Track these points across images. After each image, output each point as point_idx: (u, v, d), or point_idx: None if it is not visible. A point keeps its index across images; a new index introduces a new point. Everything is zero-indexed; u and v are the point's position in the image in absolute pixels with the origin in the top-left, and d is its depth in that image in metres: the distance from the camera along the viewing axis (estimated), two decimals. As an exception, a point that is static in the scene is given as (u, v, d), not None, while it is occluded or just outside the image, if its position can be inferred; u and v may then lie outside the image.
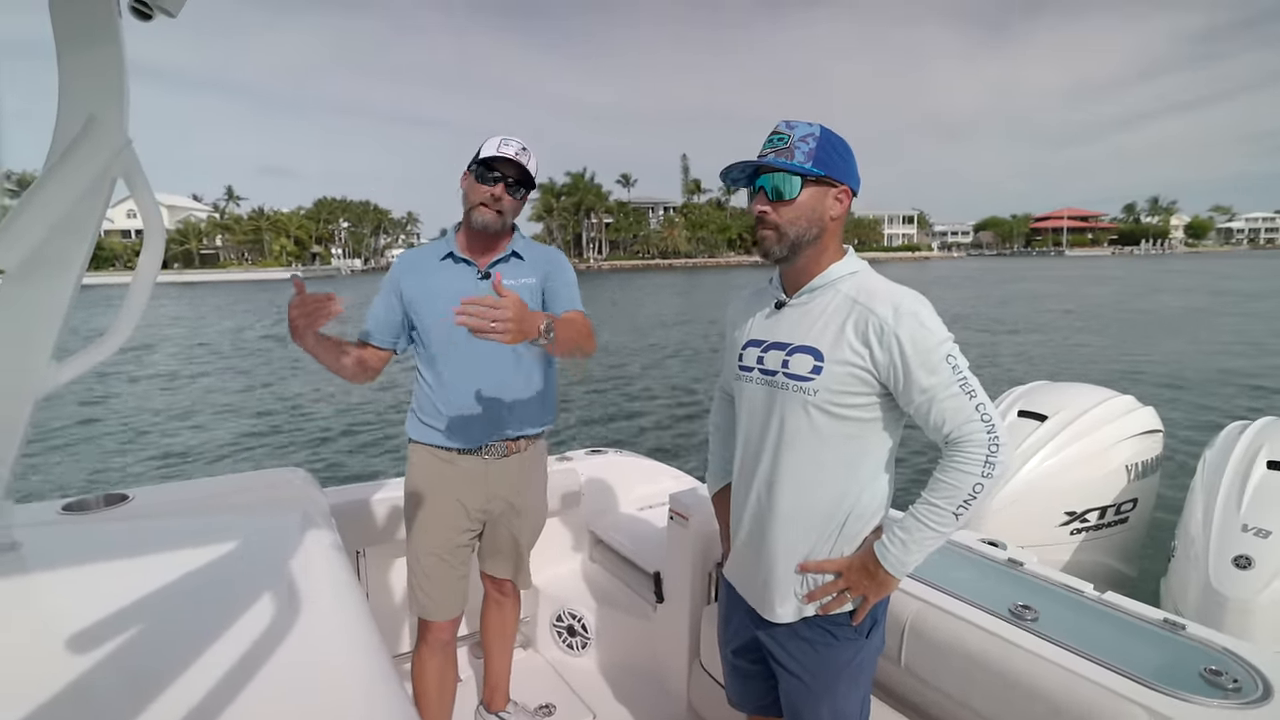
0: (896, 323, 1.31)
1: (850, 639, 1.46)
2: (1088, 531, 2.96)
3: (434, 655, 2.11)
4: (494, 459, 2.06)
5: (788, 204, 1.37)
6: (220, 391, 12.80)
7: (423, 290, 1.99)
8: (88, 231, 1.38)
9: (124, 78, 1.36)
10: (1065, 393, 3.26)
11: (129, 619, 1.10)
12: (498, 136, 1.96)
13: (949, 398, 1.30)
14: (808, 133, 1.37)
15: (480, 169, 1.93)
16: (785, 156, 1.36)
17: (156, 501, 1.69)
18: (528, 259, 2.07)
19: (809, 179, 1.37)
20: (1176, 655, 1.50)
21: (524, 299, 1.88)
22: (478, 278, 2.00)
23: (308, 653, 1.03)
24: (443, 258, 2.02)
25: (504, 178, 1.93)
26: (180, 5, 1.39)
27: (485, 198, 1.92)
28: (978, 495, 1.30)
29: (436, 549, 2.05)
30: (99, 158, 1.33)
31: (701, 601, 2.36)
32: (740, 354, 1.54)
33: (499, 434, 2.05)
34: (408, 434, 2.11)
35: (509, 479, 2.10)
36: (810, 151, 1.36)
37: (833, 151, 1.38)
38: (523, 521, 2.18)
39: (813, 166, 1.35)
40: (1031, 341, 16.69)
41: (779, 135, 1.38)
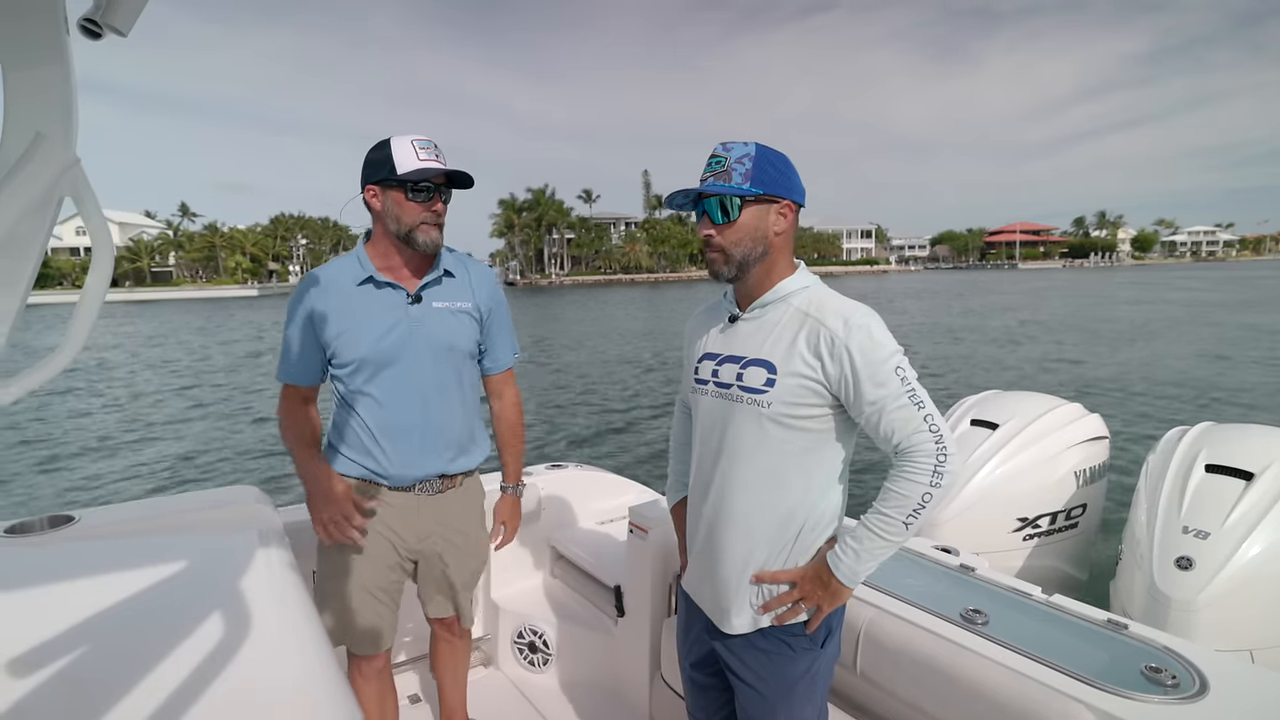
0: (847, 335, 1.34)
1: (806, 649, 1.48)
2: (1039, 537, 3.04)
3: (369, 683, 2.01)
4: (427, 495, 1.94)
5: (730, 226, 1.40)
6: (172, 409, 12.39)
7: (344, 321, 1.82)
8: (33, 251, 1.36)
9: (72, 95, 1.35)
10: (1015, 401, 3.35)
11: (73, 642, 1.07)
12: (405, 140, 1.77)
13: (898, 409, 1.33)
14: (743, 153, 1.39)
15: (409, 186, 1.77)
16: (723, 179, 1.39)
17: (103, 522, 1.65)
18: (458, 276, 1.94)
19: (748, 199, 1.39)
20: (1119, 654, 1.55)
21: (461, 327, 1.92)
22: (408, 303, 1.85)
23: (258, 673, 1.02)
24: (360, 283, 1.84)
25: (437, 188, 1.80)
26: (131, 24, 1.39)
27: (427, 217, 1.79)
28: (927, 504, 1.33)
29: (367, 585, 1.92)
30: (45, 176, 1.31)
31: (662, 614, 2.36)
32: (696, 367, 1.56)
33: (434, 469, 1.93)
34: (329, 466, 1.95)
35: (445, 515, 1.98)
36: (747, 172, 1.38)
37: (769, 168, 1.40)
38: (463, 560, 2.05)
39: (750, 186, 1.38)
40: (986, 351, 17.15)
41: (716, 159, 1.41)
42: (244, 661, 1.02)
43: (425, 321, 1.86)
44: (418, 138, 1.78)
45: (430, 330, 1.86)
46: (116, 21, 1.38)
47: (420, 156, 1.76)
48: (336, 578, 1.92)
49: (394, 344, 1.83)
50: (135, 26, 1.42)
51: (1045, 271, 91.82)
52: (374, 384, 1.84)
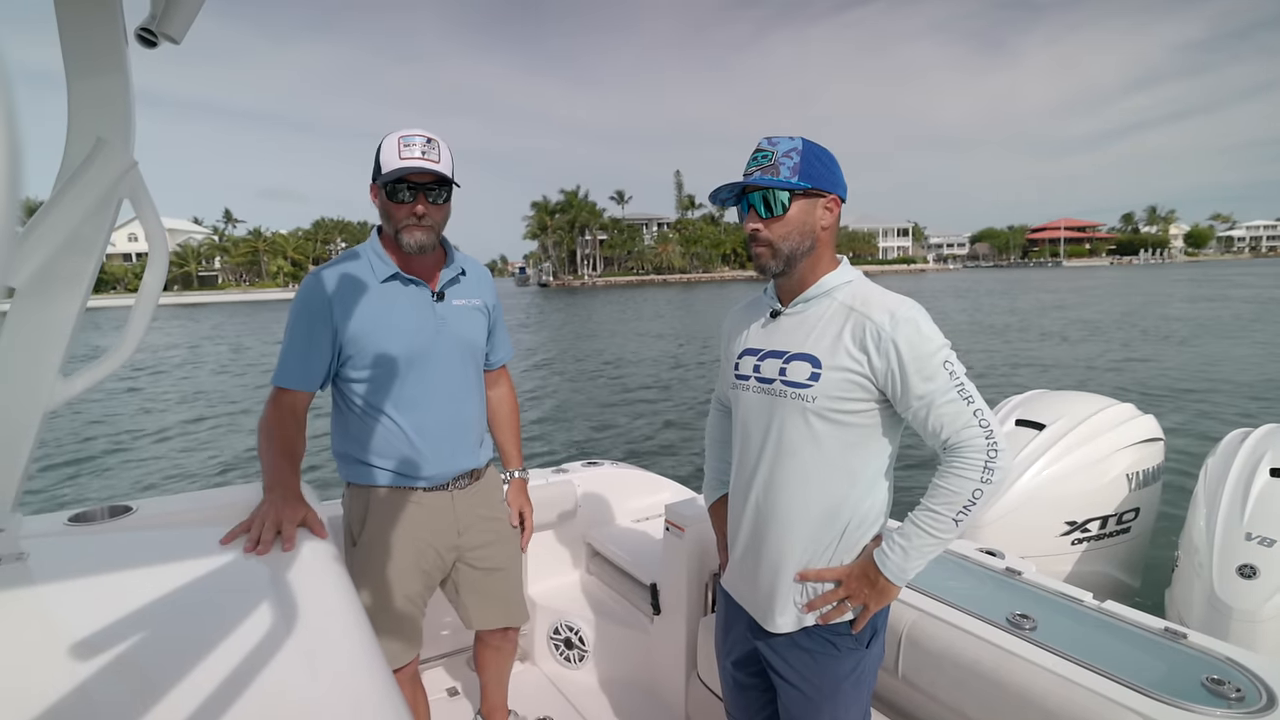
0: (894, 329, 1.32)
1: (851, 649, 1.46)
2: (1089, 541, 2.94)
3: (402, 690, 2.01)
4: (460, 490, 1.92)
5: (778, 219, 1.39)
6: (221, 406, 12.78)
7: (372, 318, 1.75)
8: (95, 250, 1.45)
9: (131, 102, 1.42)
10: (1063, 401, 3.25)
11: (132, 627, 1.11)
12: (394, 138, 1.69)
13: (946, 404, 1.31)
14: (790, 147, 1.38)
15: (390, 186, 1.69)
16: (771, 173, 1.38)
17: (159, 513, 1.71)
18: (470, 276, 1.93)
19: (797, 192, 1.38)
20: (1177, 664, 1.49)
21: (479, 323, 1.94)
22: (432, 301, 1.83)
23: (307, 661, 1.03)
24: (386, 279, 1.78)
25: (420, 187, 1.70)
26: (184, 32, 1.45)
27: (409, 218, 1.71)
28: (977, 501, 1.30)
29: (407, 598, 1.86)
30: (106, 178, 1.40)
31: (698, 613, 2.35)
32: (736, 363, 1.55)
33: (466, 464, 1.92)
34: (350, 479, 1.88)
35: (478, 506, 1.97)
36: (795, 166, 1.37)
37: (816, 162, 1.39)
38: (507, 547, 2.04)
39: (799, 180, 1.37)
40: (1029, 350, 16.69)
41: (762, 152, 1.40)
42: (292, 650, 1.04)
43: (449, 319, 1.85)
44: (405, 133, 1.69)
45: (454, 328, 1.86)
46: (171, 30, 1.44)
47: (402, 155, 1.66)
48: (371, 590, 1.85)
49: (425, 341, 1.80)
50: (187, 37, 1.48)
51: (1092, 269, 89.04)
52: (403, 383, 1.79)
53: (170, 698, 0.92)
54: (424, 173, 1.68)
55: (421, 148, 1.67)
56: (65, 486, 8.23)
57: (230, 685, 0.95)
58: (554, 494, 2.87)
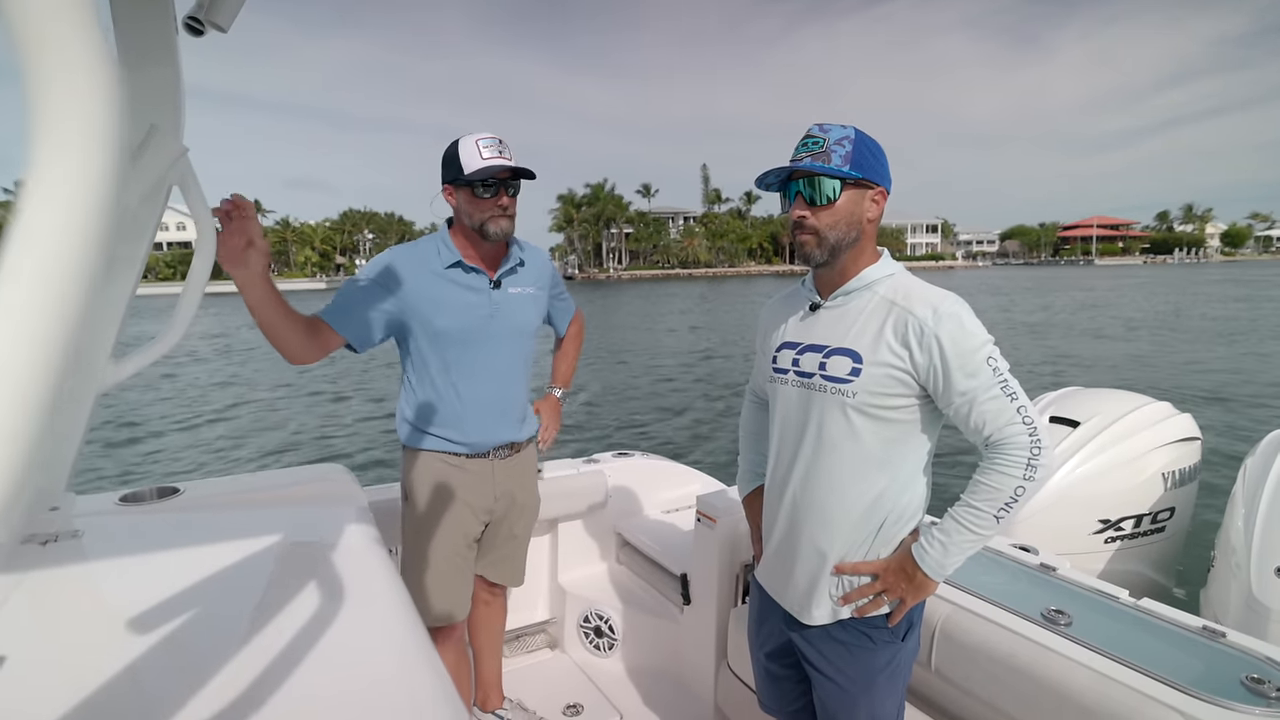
0: (937, 324, 1.30)
1: (887, 641, 1.46)
2: (1123, 540, 2.90)
3: (446, 653, 2.10)
4: (500, 460, 2.11)
5: (826, 208, 1.37)
6: (256, 391, 13.04)
7: (434, 298, 1.94)
8: (145, 236, 1.49)
9: (181, 90, 1.44)
10: (1098, 398, 3.20)
11: (180, 605, 1.14)
12: (470, 140, 1.88)
13: (990, 400, 1.30)
14: (843, 135, 1.37)
15: (476, 186, 1.88)
16: (822, 160, 1.35)
17: (205, 495, 1.76)
18: (528, 265, 2.10)
19: (847, 182, 1.36)
20: (1216, 662, 1.48)
21: (533, 309, 2.11)
22: (490, 288, 2.00)
23: (351, 639, 1.05)
24: (449, 266, 1.96)
25: (501, 183, 1.90)
26: (232, 20, 1.46)
27: (495, 210, 1.90)
28: (1019, 498, 1.29)
29: (450, 554, 2.05)
30: (158, 165, 1.41)
31: (729, 604, 2.36)
32: (774, 356, 1.54)
33: (507, 437, 2.10)
34: (405, 441, 2.07)
35: (512, 476, 2.15)
36: (847, 154, 1.35)
37: (868, 153, 1.37)
38: (527, 516, 2.24)
39: (850, 169, 1.35)
40: (1065, 347, 16.35)
41: (814, 139, 1.37)
42: (340, 632, 1.06)
43: (504, 305, 2.02)
44: (482, 137, 1.88)
45: (509, 314, 2.02)
46: (219, 18, 1.46)
47: (484, 155, 1.85)
48: (421, 555, 2.04)
49: (479, 323, 1.98)
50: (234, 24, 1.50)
51: (1125, 268, 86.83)
52: (457, 360, 1.97)
53: (217, 672, 0.94)
54: (505, 169, 1.87)
55: (498, 148, 1.87)
56: (107, 464, 8.48)
57: (275, 662, 0.97)
58: (585, 484, 2.89)
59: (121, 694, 0.91)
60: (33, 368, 0.28)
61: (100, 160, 0.30)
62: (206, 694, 0.89)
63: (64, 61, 0.29)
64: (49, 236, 0.29)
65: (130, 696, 0.91)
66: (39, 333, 0.28)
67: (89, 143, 0.30)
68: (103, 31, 0.31)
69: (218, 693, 0.90)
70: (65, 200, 0.29)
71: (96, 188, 0.30)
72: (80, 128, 0.29)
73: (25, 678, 0.94)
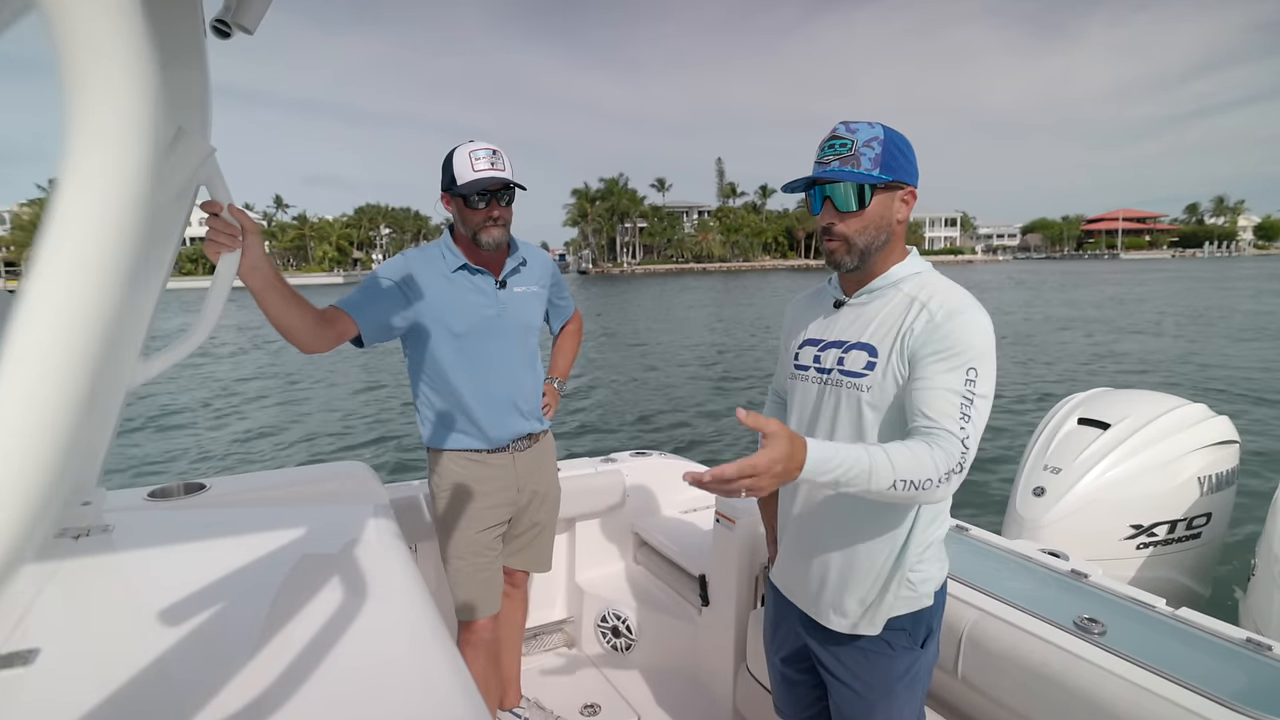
0: (945, 319, 1.27)
1: (906, 648, 1.42)
2: (1155, 546, 2.83)
3: (477, 655, 2.14)
4: (519, 452, 2.17)
5: (856, 215, 1.33)
6: (275, 388, 13.19)
7: (446, 300, 2.00)
8: (174, 236, 1.51)
9: (209, 91, 1.45)
10: (1129, 400, 3.12)
11: (206, 600, 1.17)
12: (464, 151, 1.92)
13: (944, 398, 1.22)
14: (871, 136, 1.31)
15: (469, 196, 1.91)
16: (850, 164, 1.31)
17: (231, 491, 1.81)
18: (530, 264, 2.16)
19: (878, 186, 1.32)
20: (1262, 677, 1.42)
21: (537, 306, 2.18)
22: (496, 288, 2.07)
23: (373, 633, 1.07)
24: (455, 269, 2.02)
25: (493, 194, 1.93)
26: (258, 23, 1.48)
27: (486, 221, 1.94)
28: (920, 489, 1.17)
29: (477, 549, 2.10)
30: (187, 166, 1.43)
31: (748, 606, 2.34)
32: (796, 353, 1.51)
33: (523, 429, 2.16)
34: (428, 443, 2.13)
35: (533, 467, 2.21)
36: (877, 157, 1.30)
37: (897, 153, 1.33)
38: (549, 505, 2.30)
39: (880, 173, 1.30)
40: (1091, 346, 15.91)
41: (841, 140, 1.32)
42: (359, 623, 1.08)
43: (511, 304, 2.09)
44: (475, 147, 1.91)
45: (514, 312, 2.09)
46: (245, 21, 1.46)
47: (476, 168, 1.89)
48: (450, 551, 2.10)
49: (488, 322, 2.04)
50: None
51: (1152, 261, 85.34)
52: (468, 359, 2.03)
53: (239, 668, 0.96)
54: (496, 181, 1.90)
55: (490, 159, 1.90)
56: (135, 458, 8.61)
57: (299, 655, 0.98)
58: (602, 483, 2.88)
59: (149, 686, 0.93)
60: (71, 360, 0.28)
61: (136, 153, 0.30)
62: (231, 688, 0.91)
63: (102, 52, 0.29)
64: (86, 226, 0.28)
65: (157, 689, 0.93)
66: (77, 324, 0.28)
67: (126, 134, 0.29)
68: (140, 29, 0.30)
69: (241, 688, 0.92)
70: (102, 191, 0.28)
71: (133, 180, 0.29)
72: (118, 119, 0.29)
73: (58, 669, 0.96)
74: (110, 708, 0.88)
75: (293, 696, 0.90)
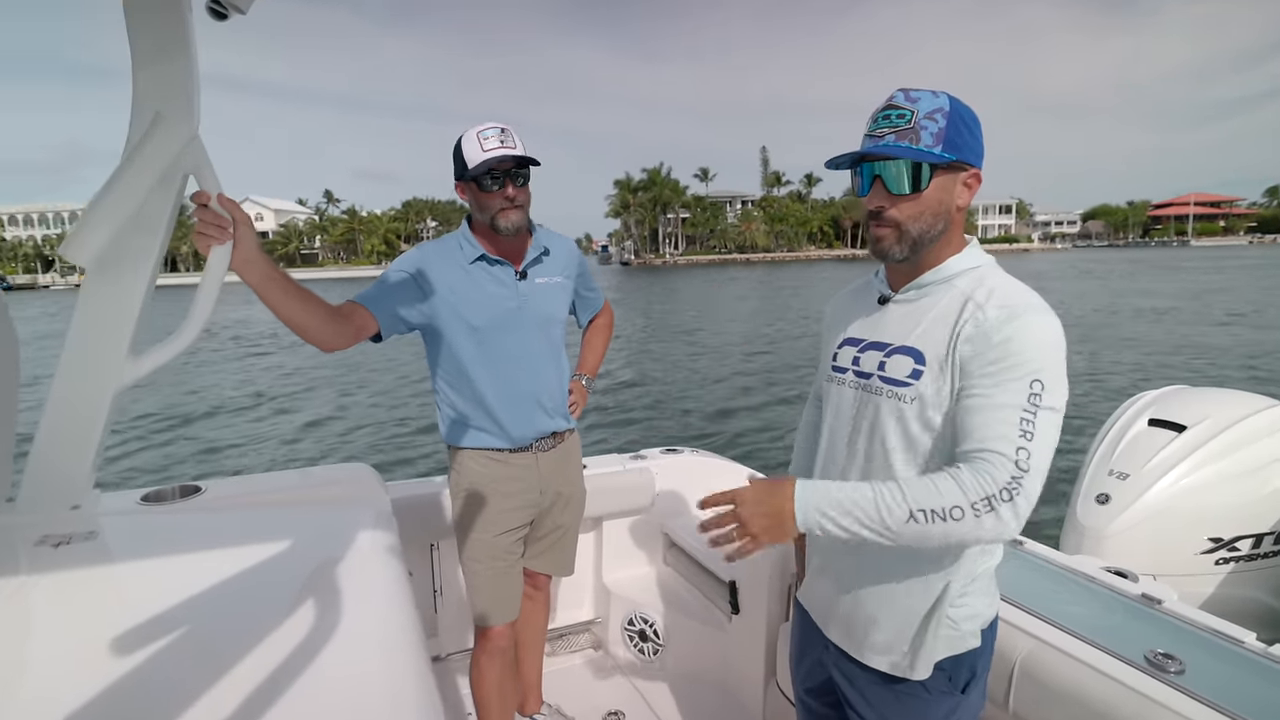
0: (1001, 323, 1.09)
1: (944, 693, 1.26)
2: (1237, 562, 2.56)
3: (493, 663, 2.08)
4: (543, 452, 2.08)
5: (911, 198, 1.15)
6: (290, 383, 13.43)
7: (462, 293, 1.92)
8: (160, 227, 1.47)
9: (193, 75, 1.40)
10: (1209, 400, 2.84)
11: (199, 607, 1.13)
12: (472, 134, 1.84)
13: (998, 416, 1.05)
14: (934, 107, 1.13)
15: (482, 180, 1.84)
16: (908, 138, 1.13)
17: (228, 494, 1.76)
18: (553, 253, 2.07)
19: (939, 166, 1.13)
20: None
21: (560, 297, 2.09)
22: (516, 279, 1.98)
23: (347, 652, 1.02)
24: (473, 261, 1.95)
25: (506, 174, 1.84)
26: (250, 3, 1.42)
27: (502, 203, 1.85)
28: (948, 523, 1.02)
29: (495, 553, 2.03)
30: (167, 153, 1.38)
31: (779, 618, 2.23)
32: (835, 353, 1.35)
33: (548, 427, 2.07)
34: (449, 442, 2.06)
35: (557, 468, 2.12)
36: (940, 132, 1.12)
37: (964, 128, 1.14)
38: (575, 506, 2.21)
39: (942, 151, 1.12)
40: (1164, 339, 15.00)
41: (898, 110, 1.14)
42: (336, 641, 1.04)
43: (532, 296, 2.00)
44: (482, 128, 1.84)
45: (536, 304, 2.00)
46: (238, 0, 1.40)
47: (485, 147, 1.81)
48: (468, 555, 2.04)
49: (507, 315, 1.95)
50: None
51: (1228, 249, 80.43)
52: (488, 354, 1.95)
53: (229, 678, 0.92)
54: (507, 160, 1.81)
55: (499, 137, 1.82)
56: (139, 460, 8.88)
57: (285, 667, 0.95)
58: (631, 481, 2.80)
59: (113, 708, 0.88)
60: None
61: None
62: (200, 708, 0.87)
63: None
64: None
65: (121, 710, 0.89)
66: None
67: None
68: None
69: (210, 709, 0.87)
70: None
71: None
72: None
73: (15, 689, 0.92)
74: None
75: None
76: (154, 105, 1.36)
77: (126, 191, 1.36)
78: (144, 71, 1.36)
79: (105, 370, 1.45)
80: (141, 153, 1.35)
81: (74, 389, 1.45)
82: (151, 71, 1.36)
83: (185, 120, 1.38)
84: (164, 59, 1.36)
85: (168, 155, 1.36)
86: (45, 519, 1.45)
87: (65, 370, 1.44)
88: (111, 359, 1.44)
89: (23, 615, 1.14)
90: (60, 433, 1.47)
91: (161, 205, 1.41)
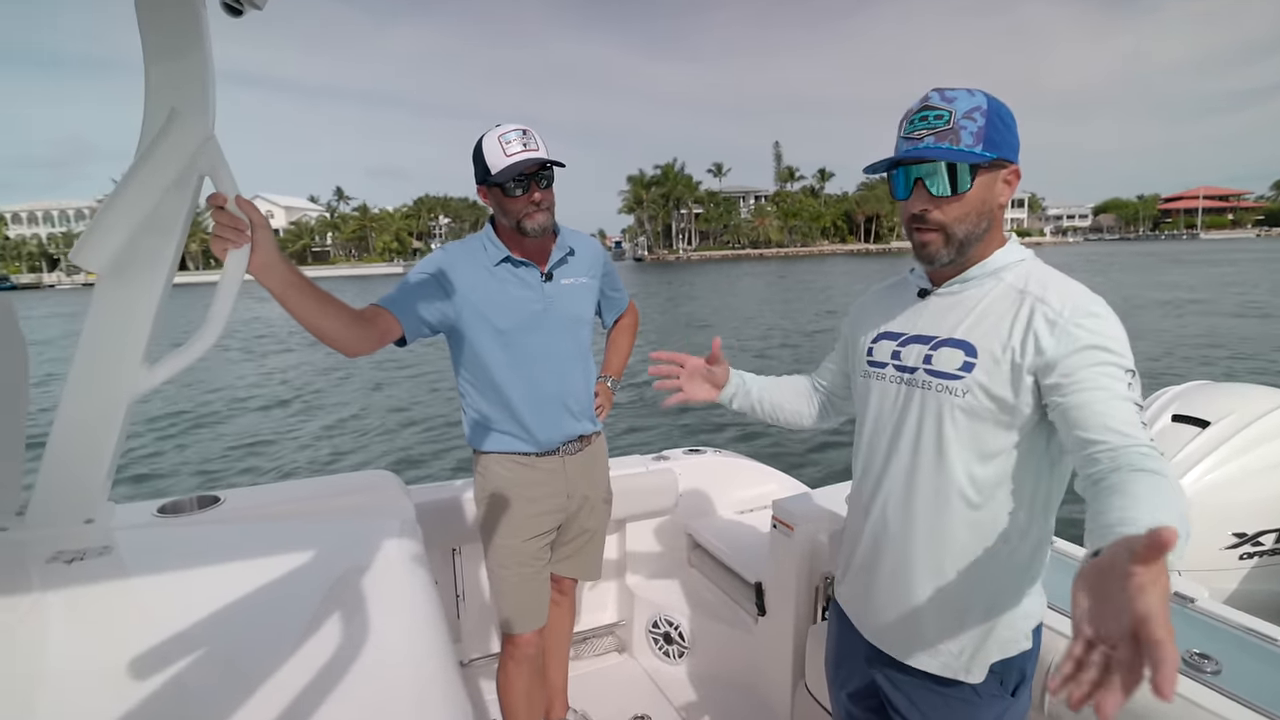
0: (1075, 315, 1.07)
1: (995, 696, 1.22)
2: (1262, 557, 2.55)
3: (521, 670, 2.04)
4: (570, 455, 2.05)
5: (955, 200, 1.13)
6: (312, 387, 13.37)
7: (487, 295, 1.88)
8: (175, 230, 1.36)
9: (208, 72, 1.33)
10: (1233, 395, 2.82)
11: (217, 622, 1.10)
12: (493, 138, 1.79)
13: (1116, 400, 1.01)
14: (972, 106, 1.11)
15: (506, 184, 1.79)
16: (949, 139, 1.10)
17: (247, 505, 1.71)
18: (579, 254, 2.04)
19: (981, 166, 1.12)
20: None
21: (587, 298, 2.07)
22: (542, 281, 1.95)
23: (375, 661, 0.99)
24: (498, 263, 1.91)
25: (530, 177, 1.80)
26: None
27: (528, 207, 1.82)
28: None
29: (522, 559, 1.99)
30: (182, 153, 1.30)
31: (807, 620, 2.18)
32: (870, 348, 1.32)
33: (574, 431, 2.04)
34: (473, 445, 2.02)
35: (584, 471, 2.09)
36: (980, 131, 1.10)
37: (1002, 125, 1.13)
38: (601, 510, 2.18)
39: (983, 150, 1.11)
40: (1184, 333, 14.62)
41: (935, 111, 1.11)
42: (366, 651, 1.02)
43: (558, 297, 1.97)
44: (504, 131, 1.80)
45: (561, 305, 1.97)
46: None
47: (508, 152, 1.77)
48: (494, 561, 2.00)
49: (534, 317, 1.92)
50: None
51: (1237, 241, 79.43)
52: (514, 357, 1.92)
53: (255, 698, 0.90)
54: (532, 163, 1.78)
55: (522, 140, 1.78)
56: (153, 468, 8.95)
57: (313, 685, 0.92)
58: (655, 482, 2.77)
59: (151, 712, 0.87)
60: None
61: None
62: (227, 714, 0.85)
63: None
64: None
65: None
66: None
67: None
68: None
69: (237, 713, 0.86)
70: None
71: None
72: None
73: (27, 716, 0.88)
74: None
75: None
76: (169, 103, 1.29)
77: (141, 194, 1.30)
78: (157, 68, 1.29)
79: (119, 378, 1.38)
80: (156, 153, 1.29)
81: (87, 398, 1.39)
82: (165, 68, 1.29)
83: (200, 119, 1.31)
84: (178, 55, 1.29)
85: (183, 156, 1.29)
86: (57, 534, 1.40)
87: (77, 378, 1.37)
88: (126, 367, 1.38)
89: (36, 637, 1.09)
90: (72, 443, 1.40)
91: (177, 208, 1.34)
